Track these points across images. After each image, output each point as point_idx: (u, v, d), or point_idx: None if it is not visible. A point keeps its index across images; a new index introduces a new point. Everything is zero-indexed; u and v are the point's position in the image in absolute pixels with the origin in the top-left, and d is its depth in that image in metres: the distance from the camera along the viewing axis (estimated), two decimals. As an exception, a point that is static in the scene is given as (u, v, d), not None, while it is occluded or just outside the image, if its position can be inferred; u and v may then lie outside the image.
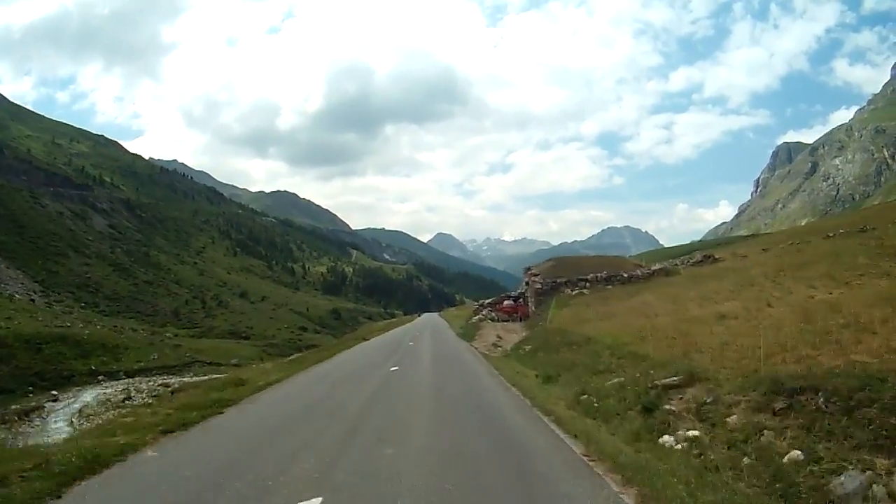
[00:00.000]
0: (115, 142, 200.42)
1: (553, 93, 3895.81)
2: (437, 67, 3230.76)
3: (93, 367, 41.36)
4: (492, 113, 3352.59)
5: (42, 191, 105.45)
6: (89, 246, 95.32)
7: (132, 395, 31.77)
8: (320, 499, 5.18)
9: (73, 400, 31.82)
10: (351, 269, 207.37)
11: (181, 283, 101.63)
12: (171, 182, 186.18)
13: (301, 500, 5.15)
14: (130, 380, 40.07)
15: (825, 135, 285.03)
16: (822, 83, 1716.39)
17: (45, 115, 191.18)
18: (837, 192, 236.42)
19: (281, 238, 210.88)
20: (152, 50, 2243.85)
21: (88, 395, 33.14)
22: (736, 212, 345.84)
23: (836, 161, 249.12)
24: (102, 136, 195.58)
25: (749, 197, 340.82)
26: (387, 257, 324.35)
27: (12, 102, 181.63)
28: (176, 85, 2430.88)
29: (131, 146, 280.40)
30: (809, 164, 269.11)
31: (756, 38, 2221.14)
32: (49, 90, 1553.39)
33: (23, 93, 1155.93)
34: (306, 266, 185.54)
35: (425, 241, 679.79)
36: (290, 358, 38.62)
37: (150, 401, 20.80)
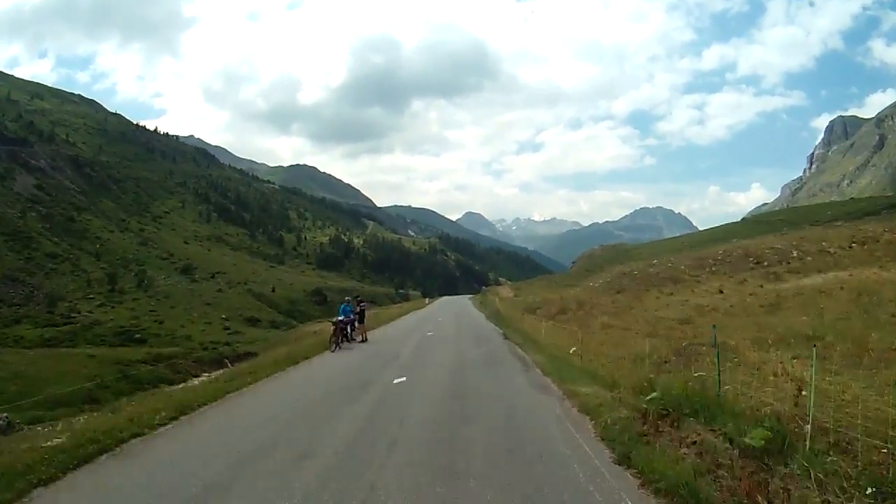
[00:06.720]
0: (94, 101, 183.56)
1: (584, 69, 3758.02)
2: (467, 41, 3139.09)
3: None
4: (521, 88, 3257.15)
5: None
6: (-12, 209, 77.96)
7: None
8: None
9: None
10: (360, 241, 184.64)
11: (105, 255, 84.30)
12: (148, 141, 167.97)
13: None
14: None
15: (889, 106, 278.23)
16: (859, 64, 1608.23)
17: (19, 76, 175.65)
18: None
19: (279, 205, 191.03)
20: (171, 25, 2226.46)
21: None
22: (777, 194, 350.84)
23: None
24: (79, 94, 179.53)
25: (801, 174, 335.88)
26: (411, 233, 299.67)
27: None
28: (196, 61, 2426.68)
29: (154, 125, 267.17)
30: (877, 137, 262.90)
31: (792, 16, 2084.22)
32: (69, 71, 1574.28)
33: (43, 75, 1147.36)
34: (303, 236, 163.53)
35: (454, 219, 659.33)
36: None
37: None
